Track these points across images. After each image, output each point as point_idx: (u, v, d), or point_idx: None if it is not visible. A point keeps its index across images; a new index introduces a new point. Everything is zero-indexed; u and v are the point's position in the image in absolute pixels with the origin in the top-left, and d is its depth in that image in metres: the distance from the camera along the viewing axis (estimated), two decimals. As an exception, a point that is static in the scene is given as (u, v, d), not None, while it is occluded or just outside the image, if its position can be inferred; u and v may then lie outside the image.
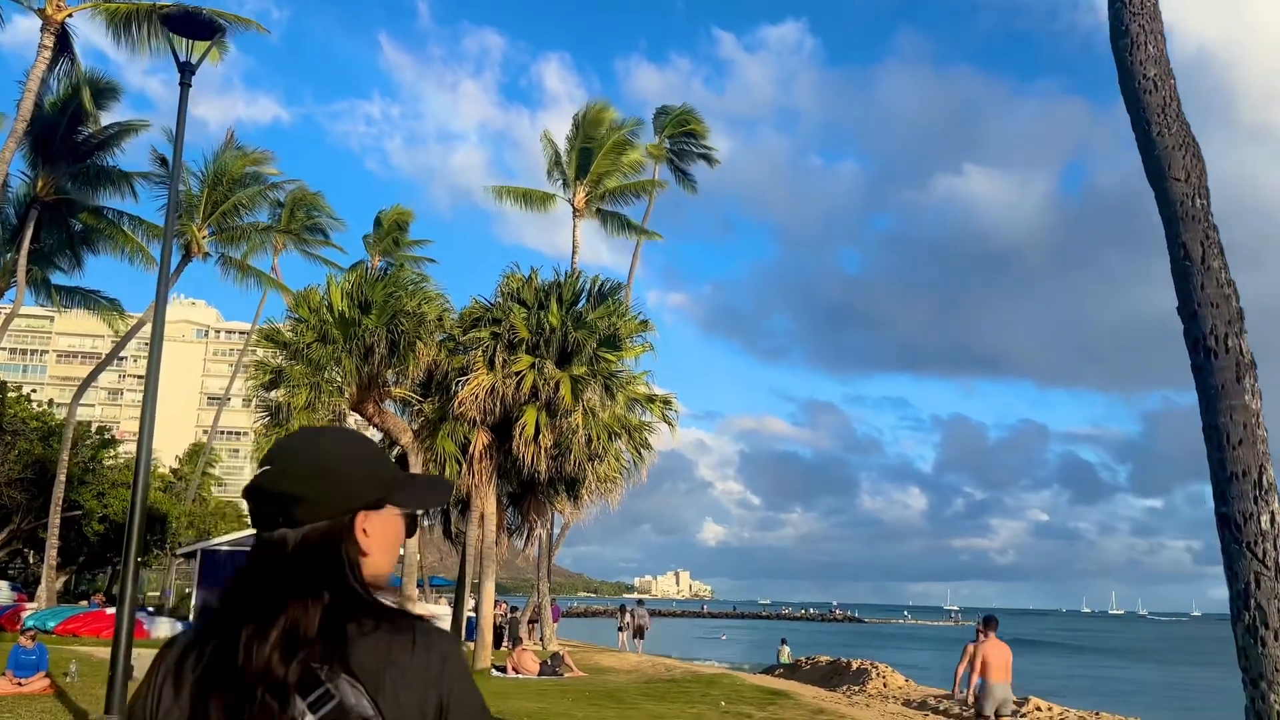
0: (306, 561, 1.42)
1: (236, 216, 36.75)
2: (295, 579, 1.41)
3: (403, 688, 1.36)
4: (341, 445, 1.53)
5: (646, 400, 21.42)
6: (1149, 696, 38.80)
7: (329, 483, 1.46)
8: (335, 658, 1.36)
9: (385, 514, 1.52)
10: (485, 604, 20.78)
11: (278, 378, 19.00)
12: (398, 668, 1.37)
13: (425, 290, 19.96)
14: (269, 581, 1.42)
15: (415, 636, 1.40)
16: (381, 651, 1.38)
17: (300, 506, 1.44)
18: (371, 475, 1.52)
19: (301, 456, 1.49)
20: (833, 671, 28.78)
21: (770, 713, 13.63)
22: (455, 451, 20.24)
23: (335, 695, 1.33)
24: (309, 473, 1.46)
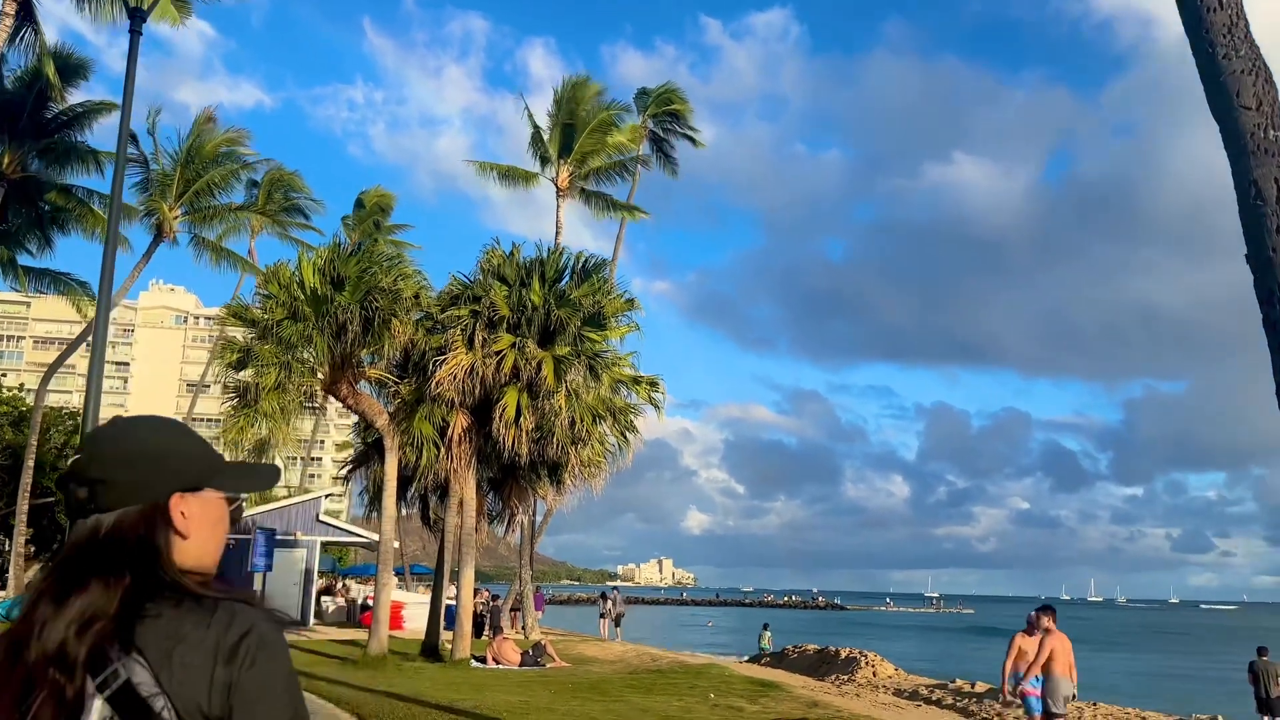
0: (115, 545, 1.42)
1: (210, 196, 35.67)
2: (101, 562, 1.40)
3: (191, 664, 1.35)
4: (155, 432, 1.53)
5: (632, 382, 20.69)
6: (1135, 684, 38.64)
7: (140, 468, 1.47)
8: (125, 636, 1.35)
9: (205, 496, 1.52)
10: (465, 592, 20.06)
11: (246, 357, 18.16)
12: (186, 644, 1.36)
13: (401, 267, 19.13)
14: (76, 567, 1.41)
15: (215, 614, 1.39)
16: (173, 629, 1.37)
17: (111, 491, 1.45)
18: (186, 461, 1.52)
19: (112, 443, 1.50)
20: (821, 660, 28.29)
21: (762, 705, 13.01)
22: (433, 434, 19.47)
23: (123, 674, 1.33)
24: (119, 458, 1.47)
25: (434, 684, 15.53)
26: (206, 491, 1.53)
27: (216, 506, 1.54)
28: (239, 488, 1.60)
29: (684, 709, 12.73)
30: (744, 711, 12.47)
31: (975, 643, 67.54)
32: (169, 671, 1.34)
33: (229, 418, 18.12)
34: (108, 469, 1.46)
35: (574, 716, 11.95)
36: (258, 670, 1.38)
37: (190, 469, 1.52)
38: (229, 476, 1.57)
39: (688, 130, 41.15)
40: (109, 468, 1.46)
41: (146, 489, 1.46)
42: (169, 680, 1.33)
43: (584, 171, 35.22)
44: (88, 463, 1.47)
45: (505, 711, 12.10)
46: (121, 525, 1.44)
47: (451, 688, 15.03)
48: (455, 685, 15.42)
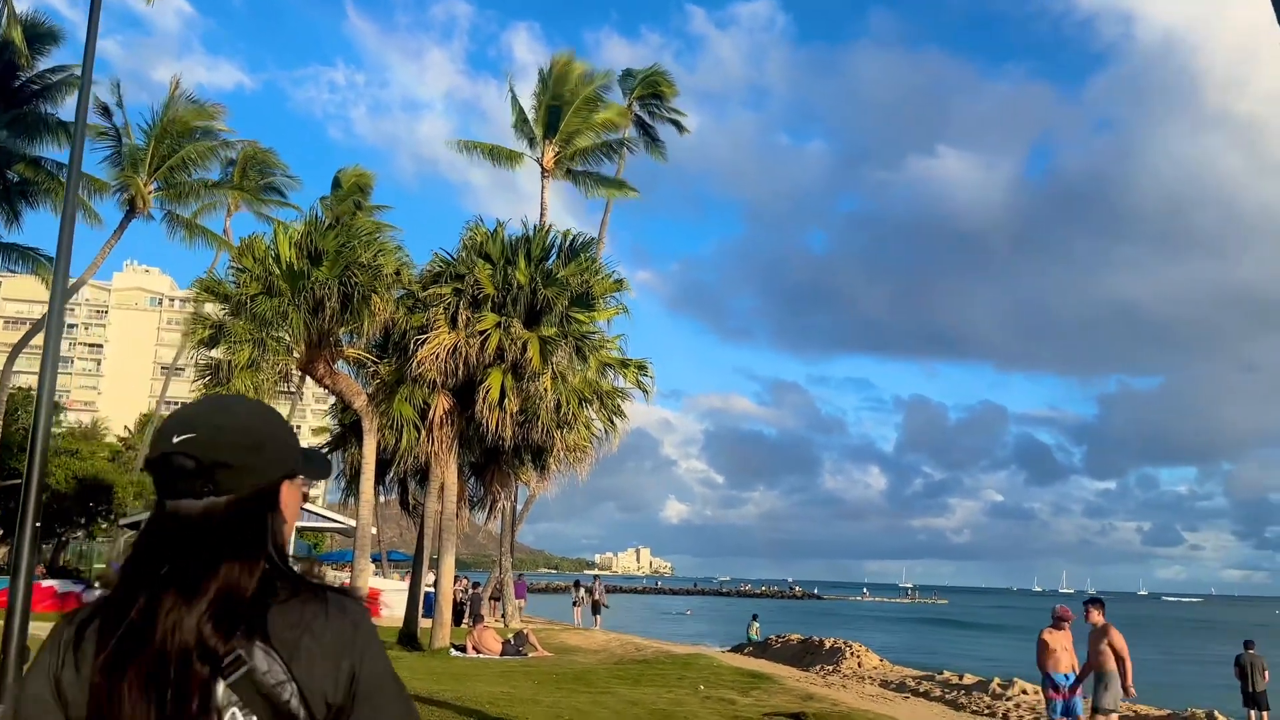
0: (240, 528, 1.40)
1: (185, 172, 34.70)
2: (229, 546, 1.38)
3: (317, 654, 1.36)
4: (265, 415, 1.52)
5: (620, 365, 20.13)
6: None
7: (262, 453, 1.46)
8: (256, 623, 1.34)
9: (295, 484, 1.53)
10: (444, 579, 19.49)
11: (218, 334, 17.44)
12: (312, 634, 1.36)
13: (381, 242, 18.43)
14: (194, 550, 1.37)
15: (329, 605, 1.40)
16: (295, 618, 1.36)
17: (233, 476, 1.41)
18: (291, 445, 1.53)
19: (234, 426, 1.46)
20: (805, 650, 27.95)
21: (754, 698, 12.54)
22: (413, 416, 18.85)
23: (246, 661, 1.31)
24: (245, 441, 1.44)
25: (412, 674, 14.97)
26: (298, 479, 1.54)
27: (299, 495, 1.56)
28: (316, 475, 1.61)
29: (674, 701, 12.25)
30: (736, 704, 12.00)
31: (953, 634, 67.75)
32: (299, 660, 1.34)
33: (200, 397, 17.41)
34: (229, 453, 1.42)
35: (560, 710, 11.44)
36: (374, 661, 1.41)
37: (292, 457, 1.52)
38: (309, 465, 1.58)
39: (673, 114, 40.49)
40: (230, 451, 1.42)
41: (264, 474, 1.46)
42: (300, 670, 1.34)
43: (570, 151, 34.54)
44: (206, 444, 1.41)
45: (488, 703, 11.57)
46: (244, 508, 1.42)
47: (431, 678, 14.48)
48: (435, 675, 14.87)
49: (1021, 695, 18.91)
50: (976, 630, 75.74)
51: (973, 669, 25.52)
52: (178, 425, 1.44)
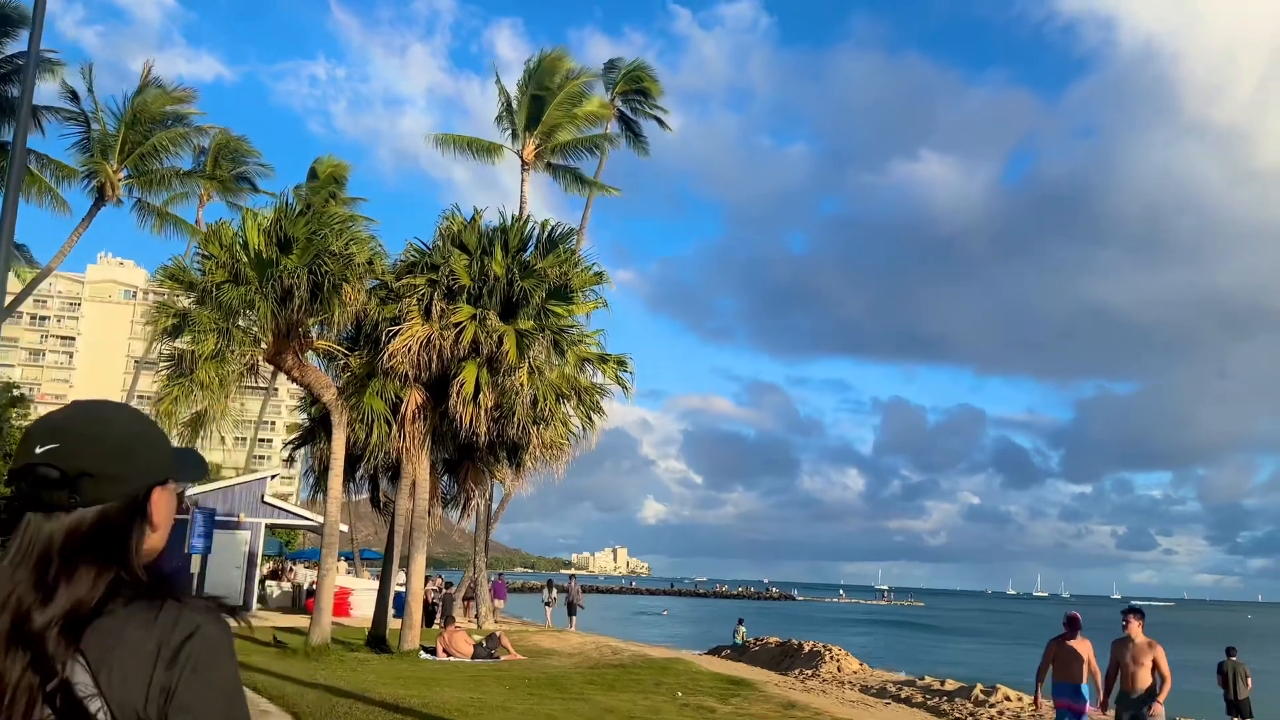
0: (101, 539, 1.38)
1: (155, 159, 33.82)
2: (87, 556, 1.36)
3: (130, 666, 1.30)
4: (133, 424, 1.47)
5: (599, 360, 19.60)
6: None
7: (132, 461, 1.42)
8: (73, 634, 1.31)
9: (168, 489, 1.50)
10: (415, 579, 18.90)
11: (182, 323, 16.77)
12: (127, 646, 1.31)
13: (354, 230, 17.81)
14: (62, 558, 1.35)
15: (161, 614, 1.34)
16: (117, 629, 1.32)
17: (97, 485, 1.38)
18: (161, 454, 1.49)
19: (96, 434, 1.41)
20: (783, 654, 27.52)
21: (735, 706, 12.07)
22: (385, 411, 18.25)
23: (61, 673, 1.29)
24: (112, 450, 1.40)
25: (379, 677, 14.41)
26: (169, 484, 1.50)
27: (173, 498, 1.51)
28: (188, 477, 1.57)
29: (651, 709, 11.75)
30: (716, 713, 11.52)
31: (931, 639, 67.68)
32: (107, 673, 1.30)
33: (162, 388, 16.74)
34: (94, 462, 1.39)
35: (531, 717, 10.93)
36: (198, 677, 1.33)
37: (163, 462, 1.49)
38: (186, 466, 1.55)
39: (656, 110, 39.98)
40: (95, 461, 1.39)
41: (130, 483, 1.43)
42: (107, 682, 1.29)
43: (551, 145, 33.97)
44: (74, 452, 1.38)
45: (455, 711, 11.04)
46: (109, 518, 1.40)
47: (398, 681, 13.92)
48: (402, 679, 14.31)
49: (1005, 702, 18.54)
50: (954, 635, 75.80)
51: (953, 674, 25.19)
52: (42, 434, 1.40)
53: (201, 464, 1.62)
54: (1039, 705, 12.18)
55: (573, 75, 33.69)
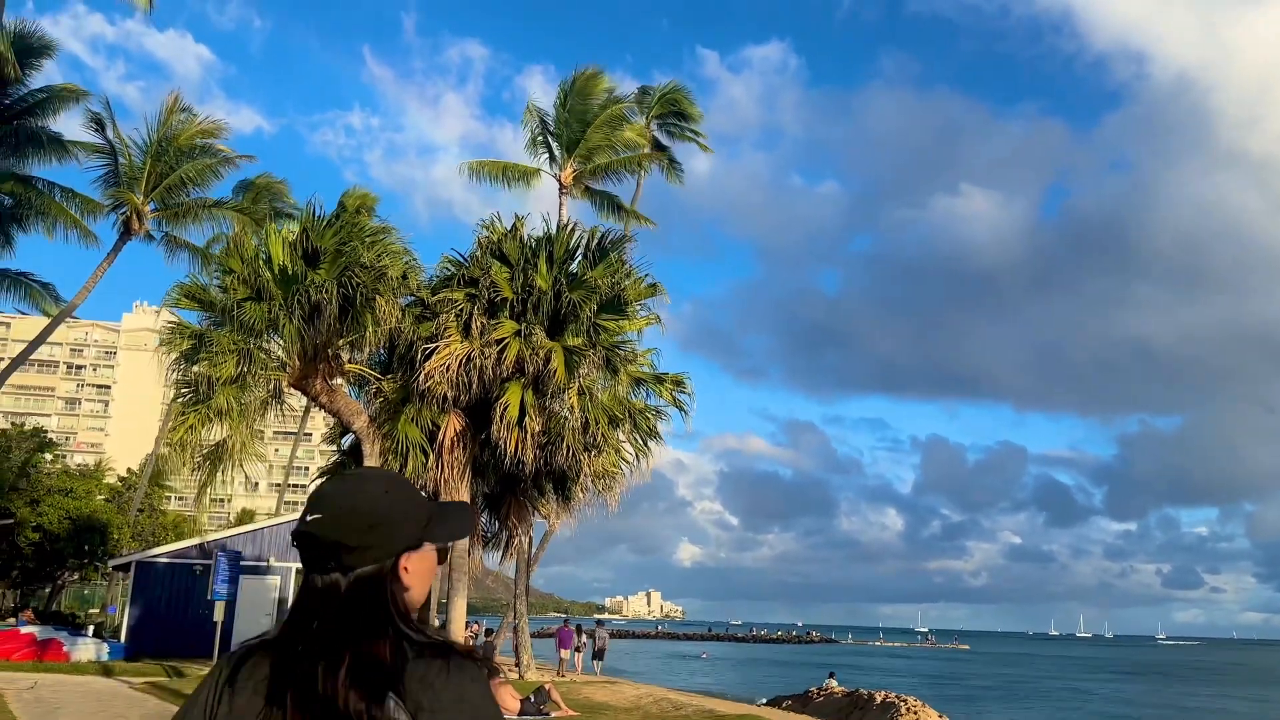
0: (361, 602, 1.56)
1: (183, 191, 32.89)
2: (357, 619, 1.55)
3: (438, 706, 1.51)
4: (388, 493, 1.63)
5: (654, 381, 17.88)
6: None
7: (378, 533, 1.58)
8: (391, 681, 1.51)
9: (423, 552, 1.66)
10: (455, 625, 17.10)
11: (199, 345, 15.31)
12: (434, 691, 1.52)
13: (386, 242, 16.33)
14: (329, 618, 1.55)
15: (450, 663, 1.55)
16: (421, 675, 1.52)
17: (351, 554, 1.56)
18: (411, 519, 1.64)
19: (349, 508, 1.59)
20: (852, 705, 25.29)
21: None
22: (421, 439, 16.62)
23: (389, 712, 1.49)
24: (360, 524, 1.57)
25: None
26: (424, 546, 1.66)
27: (431, 559, 1.67)
28: (449, 537, 1.70)
29: (740, 780, 9.82)
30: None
31: (997, 686, 64.31)
32: (424, 714, 1.50)
33: (177, 415, 15.25)
34: (346, 533, 1.56)
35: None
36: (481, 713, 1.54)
37: (414, 530, 1.64)
38: (441, 528, 1.69)
39: (693, 133, 38.57)
40: (347, 532, 1.56)
41: (382, 551, 1.59)
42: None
43: (590, 169, 32.63)
44: (332, 525, 1.57)
45: (510, 784, 9.19)
46: (362, 584, 1.57)
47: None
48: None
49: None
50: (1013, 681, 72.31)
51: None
52: (312, 505, 1.61)
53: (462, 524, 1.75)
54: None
55: (611, 97, 32.40)
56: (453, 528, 1.70)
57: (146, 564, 29.96)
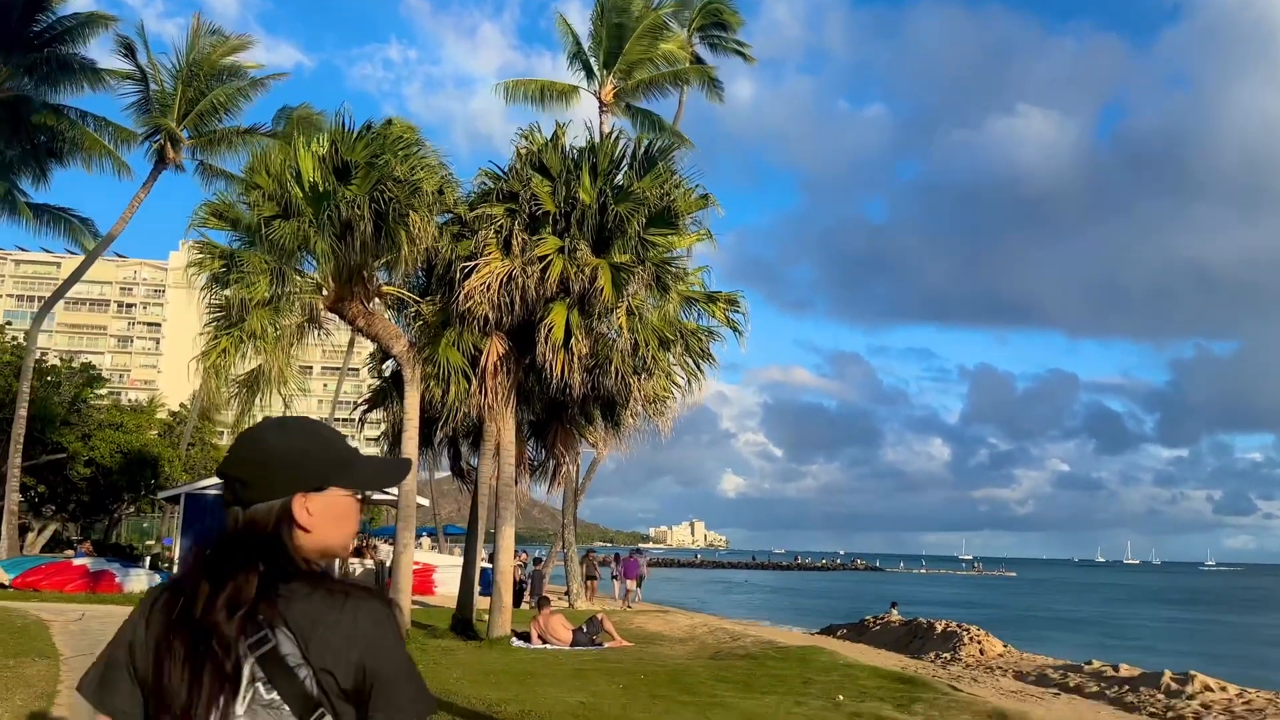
0: (248, 537, 1.65)
1: (215, 118, 32.07)
2: (240, 551, 1.63)
3: (330, 644, 1.56)
4: (286, 437, 1.70)
5: (705, 300, 16.86)
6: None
7: (269, 470, 1.66)
8: (275, 614, 1.57)
9: (329, 495, 1.70)
10: (503, 556, 16.56)
11: (230, 266, 14.58)
12: (325, 624, 1.57)
13: (420, 155, 15.35)
14: (224, 550, 1.65)
15: (347, 601, 1.60)
16: (314, 611, 1.58)
17: (247, 489, 1.66)
18: (309, 464, 1.68)
19: (249, 446, 1.70)
20: (910, 634, 24.64)
21: (924, 716, 9.32)
22: (462, 364, 15.86)
23: (272, 640, 1.56)
24: (253, 461, 1.67)
25: (466, 672, 12.08)
26: (331, 490, 1.70)
27: (341, 503, 1.71)
28: (363, 486, 1.74)
29: (810, 718, 9.09)
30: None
31: (1052, 615, 63.39)
32: (314, 647, 1.56)
33: (209, 340, 14.62)
34: (245, 470, 1.67)
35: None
36: (385, 655, 1.60)
37: (313, 472, 1.68)
38: (353, 475, 1.72)
39: (736, 44, 36.64)
40: (245, 469, 1.67)
41: (272, 489, 1.66)
42: (312, 654, 1.55)
43: (630, 84, 31.16)
44: (230, 462, 1.69)
45: (571, 718, 8.55)
46: (254, 520, 1.66)
47: (489, 679, 11.56)
48: (493, 675, 11.95)
49: (1207, 693, 15.39)
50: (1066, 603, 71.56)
51: (1111, 658, 21.96)
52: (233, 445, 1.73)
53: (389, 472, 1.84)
54: None
55: (651, 4, 30.72)
56: (366, 477, 1.75)
57: (195, 496, 29.98)
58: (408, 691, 1.61)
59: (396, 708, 1.59)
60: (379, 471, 1.79)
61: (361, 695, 1.57)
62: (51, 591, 24.85)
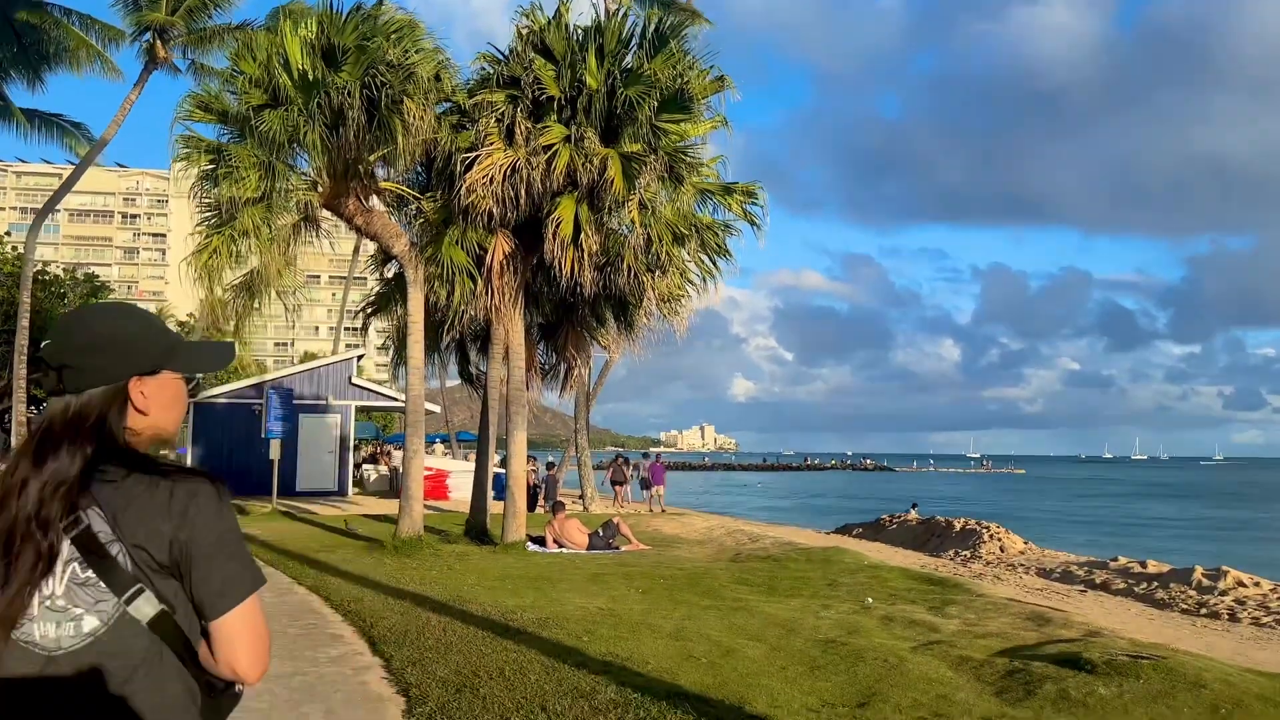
0: (78, 422, 1.63)
1: (206, 13, 30.60)
2: (68, 436, 1.62)
3: (142, 520, 1.57)
4: (115, 321, 1.70)
5: (721, 192, 15.97)
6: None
7: (99, 355, 1.65)
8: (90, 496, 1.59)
9: (162, 378, 1.72)
10: (516, 460, 16.15)
11: (219, 160, 13.74)
12: (138, 502, 1.57)
13: (414, 37, 14.30)
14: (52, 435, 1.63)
15: (165, 480, 1.59)
16: (129, 490, 1.58)
17: (77, 376, 1.65)
18: (143, 348, 1.69)
19: (78, 332, 1.67)
20: (928, 532, 24.45)
21: (960, 620, 8.87)
22: (467, 263, 15.14)
23: (85, 521, 1.57)
24: (84, 346, 1.65)
25: (481, 578, 11.75)
26: (163, 374, 1.72)
27: (172, 386, 1.74)
28: (192, 369, 1.78)
29: (845, 626, 8.69)
30: (938, 630, 8.38)
31: (1065, 513, 63.68)
32: (123, 524, 1.56)
33: (201, 240, 13.91)
34: (74, 356, 1.64)
35: (687, 636, 7.99)
36: (203, 529, 1.58)
37: (146, 355, 1.69)
38: (182, 358, 1.74)
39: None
40: (74, 355, 1.64)
41: (107, 374, 1.65)
42: (122, 531, 1.56)
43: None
44: (56, 349, 1.65)
45: (584, 631, 8.16)
46: (86, 405, 1.65)
47: (505, 584, 11.23)
48: (510, 580, 11.62)
49: (1240, 588, 15.06)
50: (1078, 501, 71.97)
51: (1128, 554, 21.73)
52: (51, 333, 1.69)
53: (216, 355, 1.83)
54: None
55: None
56: (197, 360, 1.79)
57: (205, 405, 29.66)
58: (226, 570, 1.59)
59: (211, 588, 1.57)
60: (208, 355, 1.81)
61: (183, 569, 1.58)
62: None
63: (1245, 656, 9.14)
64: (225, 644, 1.57)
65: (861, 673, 6.69)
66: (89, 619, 1.53)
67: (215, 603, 1.56)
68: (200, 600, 1.57)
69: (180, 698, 1.57)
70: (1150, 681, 5.95)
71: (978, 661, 6.92)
